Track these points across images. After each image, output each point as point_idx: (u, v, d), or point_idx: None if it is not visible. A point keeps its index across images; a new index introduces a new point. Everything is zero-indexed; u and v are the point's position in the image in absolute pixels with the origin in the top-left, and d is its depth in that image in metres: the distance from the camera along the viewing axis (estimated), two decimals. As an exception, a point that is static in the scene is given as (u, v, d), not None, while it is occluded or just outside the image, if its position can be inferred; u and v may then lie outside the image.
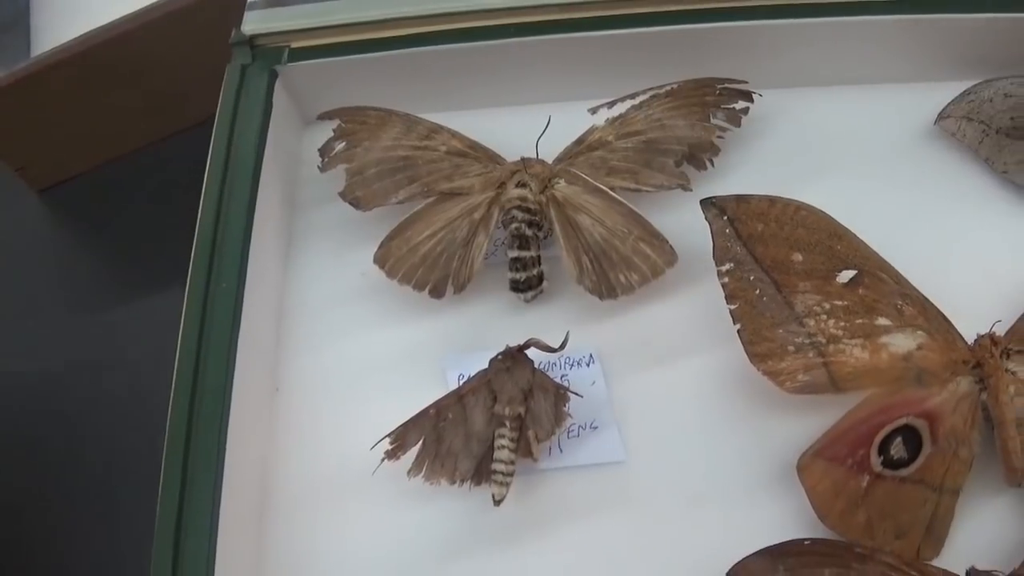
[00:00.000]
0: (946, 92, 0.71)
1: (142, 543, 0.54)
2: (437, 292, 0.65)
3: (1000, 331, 0.59)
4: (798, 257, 0.60)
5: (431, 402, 0.59)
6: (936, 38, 0.71)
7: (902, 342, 0.59)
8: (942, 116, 0.71)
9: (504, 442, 0.58)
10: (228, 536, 0.54)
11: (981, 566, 0.52)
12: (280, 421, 0.64)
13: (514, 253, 0.65)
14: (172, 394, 0.58)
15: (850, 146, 0.72)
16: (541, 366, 0.60)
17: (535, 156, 0.68)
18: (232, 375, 0.59)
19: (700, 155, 0.68)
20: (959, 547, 0.56)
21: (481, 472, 0.58)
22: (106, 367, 0.75)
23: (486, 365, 0.60)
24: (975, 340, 0.58)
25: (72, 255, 0.84)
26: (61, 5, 0.85)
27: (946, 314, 0.59)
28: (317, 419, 0.64)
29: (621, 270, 0.64)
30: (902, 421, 0.56)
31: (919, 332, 0.59)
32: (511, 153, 0.68)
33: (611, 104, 0.69)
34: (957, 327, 0.59)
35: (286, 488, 0.61)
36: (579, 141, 0.68)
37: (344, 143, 0.70)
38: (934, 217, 0.68)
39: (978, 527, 0.57)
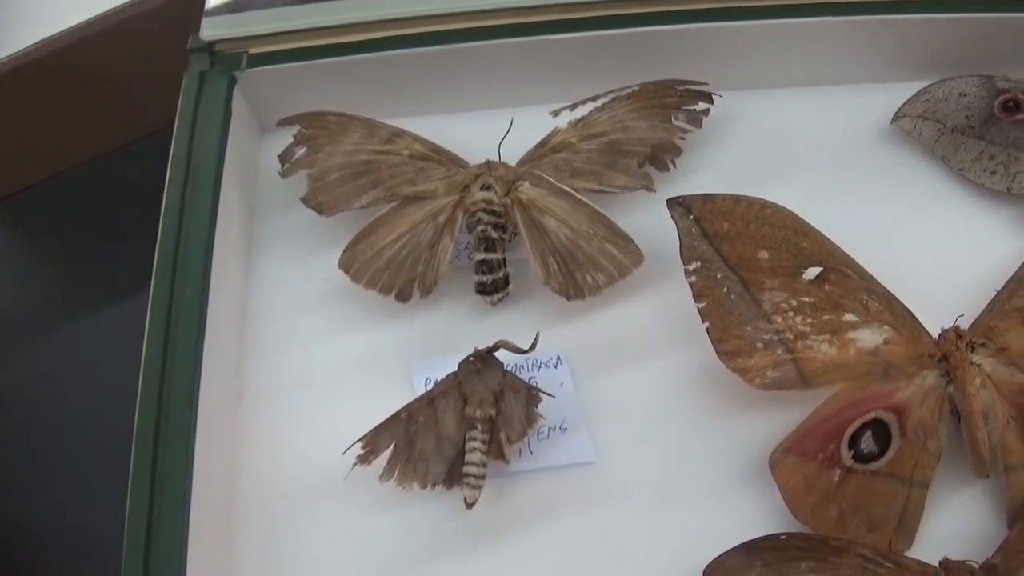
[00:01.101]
0: (902, 92, 0.72)
1: (111, 556, 0.53)
2: (403, 296, 0.65)
3: (963, 325, 0.60)
4: (764, 255, 0.60)
5: (401, 406, 0.59)
6: (891, 39, 0.72)
7: (869, 337, 0.59)
8: (898, 116, 0.72)
9: (476, 444, 0.57)
10: (198, 546, 0.53)
11: (952, 557, 0.53)
12: (246, 429, 0.63)
13: (480, 256, 0.65)
14: (138, 404, 0.57)
15: (809, 146, 0.72)
16: (508, 368, 0.60)
17: (498, 159, 0.68)
18: (198, 383, 0.58)
19: (662, 156, 0.69)
20: (930, 539, 0.56)
21: (453, 475, 0.58)
22: (66, 381, 0.74)
23: (453, 369, 0.60)
24: (940, 334, 0.59)
25: (26, 268, 0.82)
26: (13, 13, 0.83)
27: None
28: (283, 426, 0.63)
29: (588, 271, 0.64)
30: (871, 415, 0.57)
31: (885, 327, 0.59)
32: (473, 157, 0.68)
33: (573, 107, 0.69)
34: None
35: (255, 496, 0.61)
36: (542, 144, 0.69)
37: (305, 148, 0.69)
38: (892, 215, 0.69)
39: (948, 519, 0.57)
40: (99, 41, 0.78)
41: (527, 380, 0.61)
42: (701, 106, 0.70)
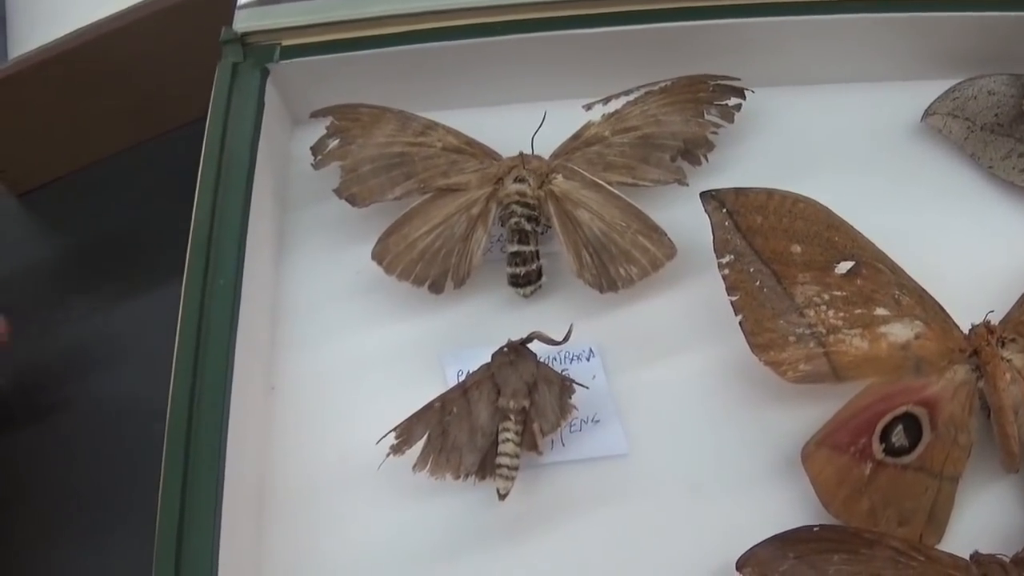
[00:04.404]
0: (932, 90, 0.72)
1: (144, 545, 0.53)
2: (436, 287, 0.65)
3: (993, 321, 0.60)
4: (797, 249, 0.60)
5: (435, 396, 0.59)
6: (922, 37, 0.72)
7: (900, 331, 0.59)
8: (928, 113, 0.72)
9: (509, 435, 0.57)
10: (230, 534, 0.54)
11: (982, 551, 0.53)
12: (277, 419, 0.63)
13: (513, 248, 0.65)
14: (171, 393, 0.57)
15: (840, 142, 0.73)
16: (541, 361, 0.60)
17: (531, 152, 0.68)
18: (231, 373, 0.58)
19: (695, 151, 0.69)
20: (960, 533, 0.56)
21: (486, 466, 0.58)
22: (96, 372, 0.74)
23: (486, 360, 0.60)
24: (971, 329, 0.59)
25: (54, 260, 0.82)
26: (45, 4, 0.84)
27: (938, 305, 0.60)
28: (315, 417, 0.63)
29: (621, 263, 0.64)
30: (902, 409, 0.57)
31: (917, 322, 0.59)
32: (506, 150, 0.69)
33: (606, 101, 0.69)
34: (950, 317, 0.60)
35: (286, 485, 0.61)
36: (576, 137, 0.69)
37: (338, 140, 0.70)
38: (922, 211, 0.69)
39: (977, 513, 0.57)
40: (131, 33, 0.78)
41: (560, 372, 0.61)
42: (733, 101, 0.70)
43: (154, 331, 0.62)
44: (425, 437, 0.58)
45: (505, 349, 0.60)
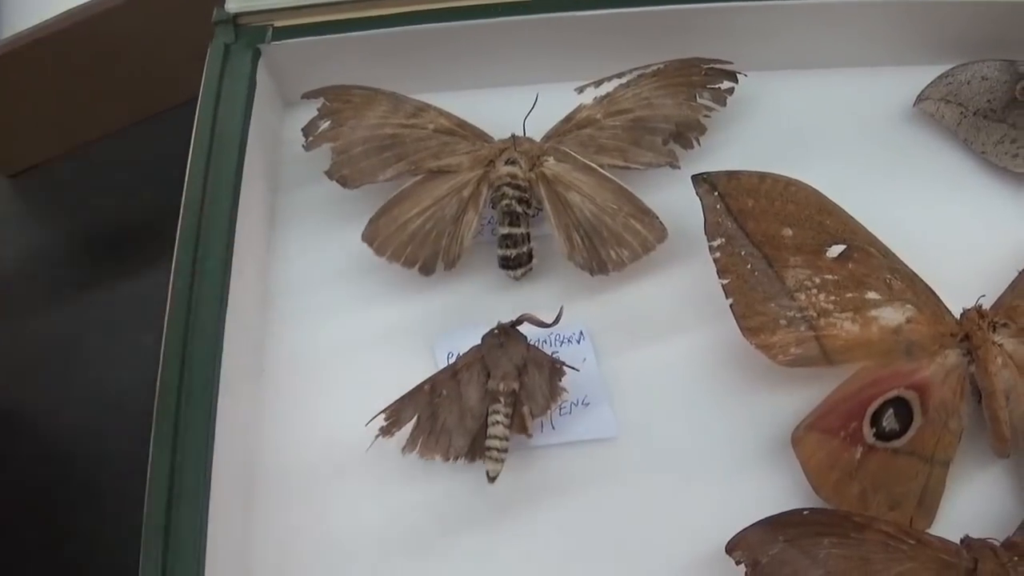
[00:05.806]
0: (925, 75, 0.72)
1: (131, 527, 0.53)
2: (427, 269, 0.65)
3: (985, 306, 0.60)
4: (788, 232, 0.60)
5: (425, 378, 0.59)
6: (915, 22, 0.72)
7: (892, 315, 0.59)
8: (921, 98, 0.72)
9: (498, 418, 0.57)
10: (219, 519, 0.53)
11: (973, 536, 0.53)
12: (267, 402, 0.63)
13: (504, 230, 0.65)
14: (160, 376, 0.57)
15: (832, 127, 0.72)
16: (531, 343, 0.60)
17: (523, 134, 0.68)
18: (220, 356, 0.58)
19: (687, 134, 0.69)
20: (950, 518, 0.56)
21: (475, 449, 0.58)
22: (86, 355, 0.74)
23: (476, 342, 0.60)
24: (962, 313, 0.59)
25: (46, 242, 0.82)
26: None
27: (929, 290, 0.60)
28: (305, 399, 0.63)
29: (612, 246, 0.64)
30: (893, 393, 0.57)
31: (908, 306, 0.59)
32: (498, 132, 0.68)
33: (598, 83, 0.69)
34: (941, 302, 0.60)
35: (276, 468, 0.61)
36: (567, 119, 0.69)
37: (329, 122, 0.69)
38: (915, 196, 0.69)
39: (968, 498, 0.57)
40: (123, 13, 0.77)
41: (550, 355, 0.61)
42: (726, 85, 0.70)
43: (144, 311, 0.62)
44: (414, 419, 0.58)
45: (495, 331, 0.59)
